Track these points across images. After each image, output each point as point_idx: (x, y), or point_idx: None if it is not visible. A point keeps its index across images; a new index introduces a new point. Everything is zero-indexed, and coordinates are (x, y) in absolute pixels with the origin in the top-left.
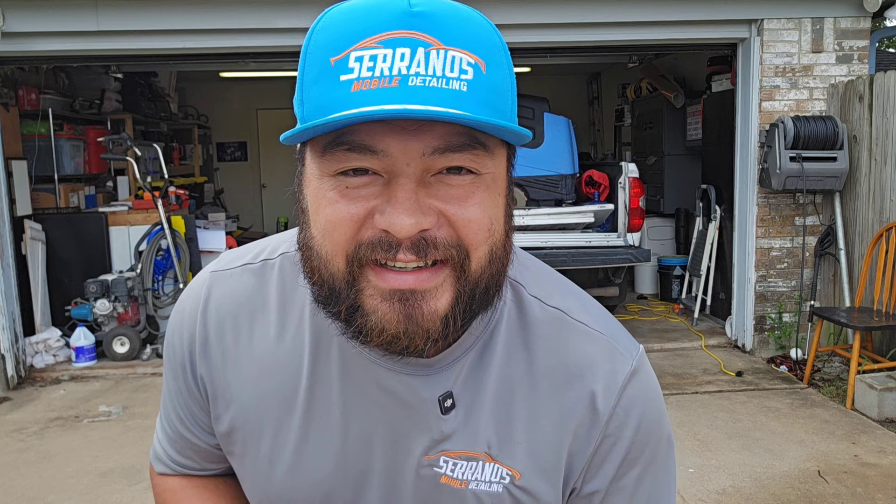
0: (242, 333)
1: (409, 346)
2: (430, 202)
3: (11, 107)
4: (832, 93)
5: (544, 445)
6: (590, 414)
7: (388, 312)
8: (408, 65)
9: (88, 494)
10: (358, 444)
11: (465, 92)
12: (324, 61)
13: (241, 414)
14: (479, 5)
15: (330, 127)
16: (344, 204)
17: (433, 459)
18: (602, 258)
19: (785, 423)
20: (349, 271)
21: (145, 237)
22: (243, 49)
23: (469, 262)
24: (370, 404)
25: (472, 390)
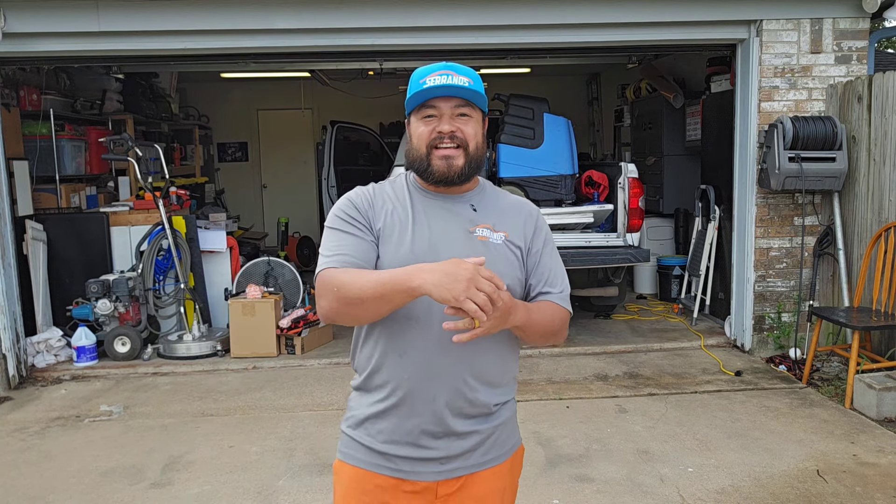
0: (381, 197)
1: (449, 177)
2: (454, 123)
3: (13, 107)
4: (831, 93)
5: (516, 227)
6: (530, 215)
7: (440, 165)
8: (445, 81)
9: (89, 494)
10: (438, 231)
11: (466, 87)
12: (417, 83)
13: (387, 221)
14: (482, 7)
15: (420, 98)
16: (425, 126)
17: (472, 231)
18: (601, 258)
19: (784, 423)
20: (427, 152)
21: (146, 237)
22: (244, 50)
23: (468, 147)
24: (440, 213)
25: (481, 204)
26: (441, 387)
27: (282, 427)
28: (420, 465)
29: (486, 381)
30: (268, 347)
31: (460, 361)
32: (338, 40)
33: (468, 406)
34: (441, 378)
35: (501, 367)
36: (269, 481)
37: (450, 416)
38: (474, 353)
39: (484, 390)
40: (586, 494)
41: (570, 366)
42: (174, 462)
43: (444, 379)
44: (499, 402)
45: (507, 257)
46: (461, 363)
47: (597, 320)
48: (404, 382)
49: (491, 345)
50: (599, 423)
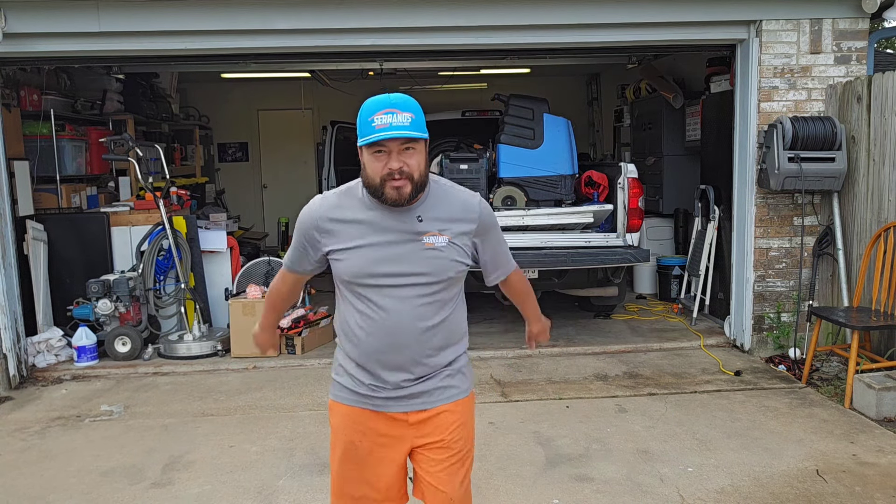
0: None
1: (399, 202)
2: (401, 158)
3: (13, 107)
4: (830, 93)
5: (459, 226)
6: (471, 211)
7: (392, 193)
8: (391, 121)
9: (90, 494)
10: (388, 242)
11: (408, 125)
12: (365, 119)
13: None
14: (482, 8)
15: (370, 140)
16: (377, 161)
17: (420, 239)
18: (601, 258)
19: (783, 423)
20: (381, 183)
21: (147, 237)
22: (244, 50)
23: (414, 178)
24: (392, 225)
25: (427, 213)
26: (406, 357)
27: (282, 427)
28: (393, 402)
29: (442, 346)
30: None
31: (420, 337)
32: (338, 41)
33: (428, 367)
34: (405, 350)
35: (452, 333)
36: (269, 481)
37: (414, 373)
38: (426, 339)
39: (440, 354)
40: (586, 494)
41: (569, 366)
42: (174, 462)
43: (408, 351)
44: (453, 357)
45: (451, 256)
46: (421, 339)
47: (597, 320)
48: (373, 353)
49: (438, 327)
50: (599, 422)
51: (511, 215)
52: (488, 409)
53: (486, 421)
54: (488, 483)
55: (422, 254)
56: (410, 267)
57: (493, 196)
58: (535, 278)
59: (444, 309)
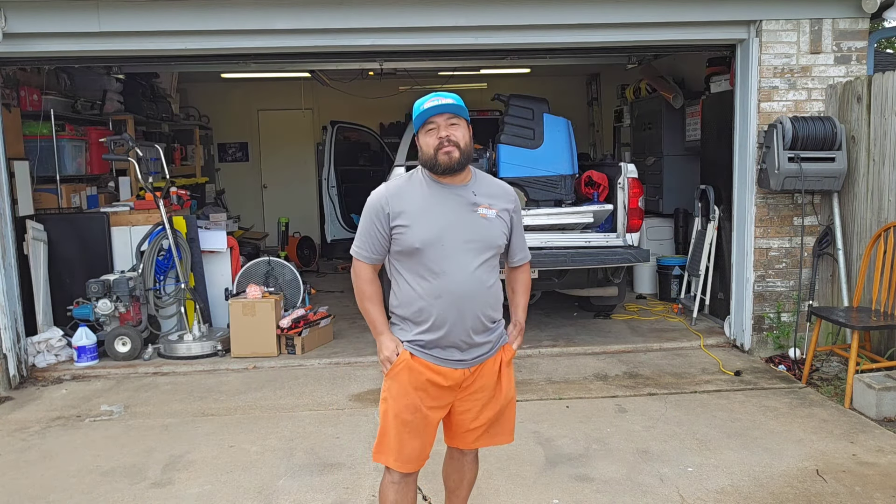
0: (402, 192)
1: (451, 166)
2: (448, 130)
3: (13, 107)
4: (830, 93)
5: (503, 204)
6: (510, 196)
7: (444, 159)
8: (438, 102)
9: (90, 493)
10: (450, 212)
11: (452, 104)
12: (418, 108)
13: (408, 212)
14: (482, 8)
15: (423, 117)
16: (430, 137)
17: (476, 210)
18: (601, 258)
19: (783, 423)
20: (434, 153)
21: (147, 237)
22: (244, 50)
23: (461, 145)
24: (451, 198)
25: (479, 190)
26: (472, 315)
27: (282, 427)
28: (452, 363)
29: (495, 306)
30: (268, 347)
31: (476, 303)
32: (338, 41)
33: (483, 328)
34: (472, 308)
35: (497, 299)
36: (269, 481)
37: (473, 335)
38: (485, 297)
39: (490, 316)
40: (586, 494)
41: (569, 366)
42: (175, 462)
43: (473, 309)
44: (497, 318)
45: (500, 225)
46: (477, 304)
47: (596, 320)
48: (442, 316)
49: (492, 288)
50: (599, 422)
51: None
52: None
53: None
54: (488, 483)
55: (478, 222)
56: (471, 233)
57: None
58: (536, 278)
59: (494, 273)
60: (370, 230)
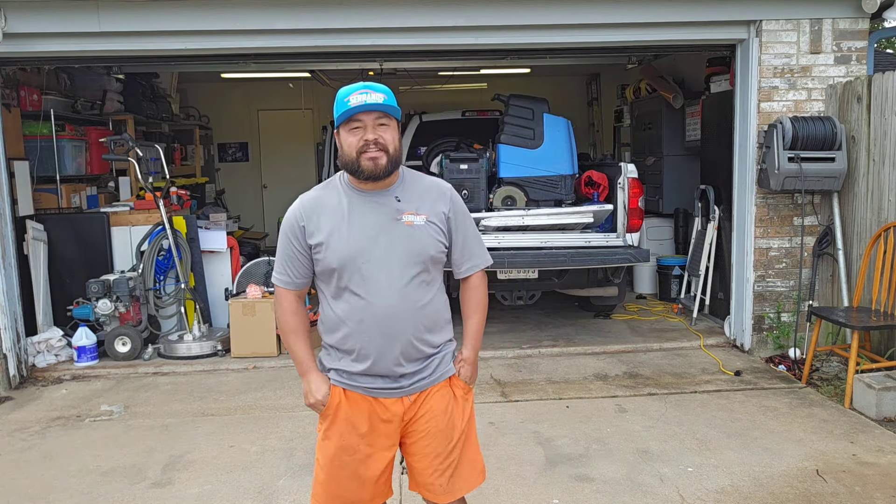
0: (318, 205)
1: (376, 174)
2: (376, 132)
3: (13, 107)
4: (830, 93)
5: (434, 207)
6: (443, 194)
7: (369, 165)
8: (366, 99)
9: (90, 494)
10: (369, 224)
11: (383, 103)
12: (341, 101)
13: (324, 229)
14: (482, 8)
15: (347, 114)
16: (353, 136)
17: (400, 218)
18: (601, 258)
19: (783, 423)
20: (357, 156)
21: (147, 237)
22: (244, 50)
23: (389, 150)
24: (371, 207)
25: (403, 194)
26: (402, 340)
27: (282, 427)
28: (386, 391)
29: (430, 328)
30: (268, 347)
31: (406, 325)
32: (338, 41)
33: (419, 351)
34: (400, 332)
35: (435, 320)
36: (269, 481)
37: (404, 362)
38: (417, 318)
39: (431, 336)
40: (586, 494)
41: (569, 366)
42: (175, 462)
43: (402, 333)
44: (441, 342)
45: (430, 234)
46: (407, 326)
47: (596, 320)
48: (366, 342)
49: (427, 307)
50: (599, 422)
51: (511, 215)
52: (488, 409)
53: (486, 421)
54: (488, 483)
55: (403, 232)
56: (395, 246)
57: (493, 196)
58: (535, 278)
59: (431, 289)
60: (288, 251)
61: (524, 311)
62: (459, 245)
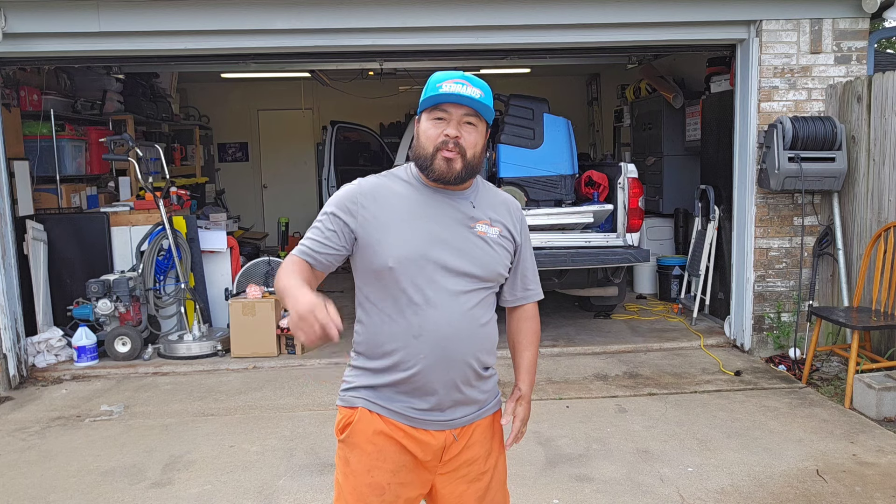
0: (381, 192)
1: (447, 178)
2: (460, 130)
3: (13, 107)
4: (831, 93)
5: (507, 222)
6: (516, 211)
7: (441, 165)
8: (460, 89)
9: (90, 494)
10: (441, 223)
11: (477, 98)
12: (433, 86)
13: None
14: (482, 8)
15: (434, 101)
16: (434, 128)
17: (473, 226)
18: (601, 258)
19: (783, 423)
20: (433, 152)
21: (147, 237)
22: (244, 50)
23: (467, 155)
24: (443, 207)
25: (479, 201)
26: (460, 361)
27: (282, 427)
28: (431, 423)
29: (490, 351)
30: (268, 347)
31: (469, 346)
32: (338, 41)
33: (476, 377)
34: (455, 358)
35: (493, 341)
36: (269, 481)
37: (463, 387)
38: (479, 339)
39: (484, 361)
40: (586, 494)
41: (569, 366)
42: (175, 462)
43: (458, 360)
44: (490, 364)
45: (501, 250)
46: (470, 347)
47: (597, 320)
48: (421, 361)
49: (487, 327)
50: (599, 422)
51: None
52: None
53: None
54: None
55: (474, 242)
56: (464, 256)
57: None
58: None
59: (491, 309)
60: (328, 227)
61: None
62: (520, 269)
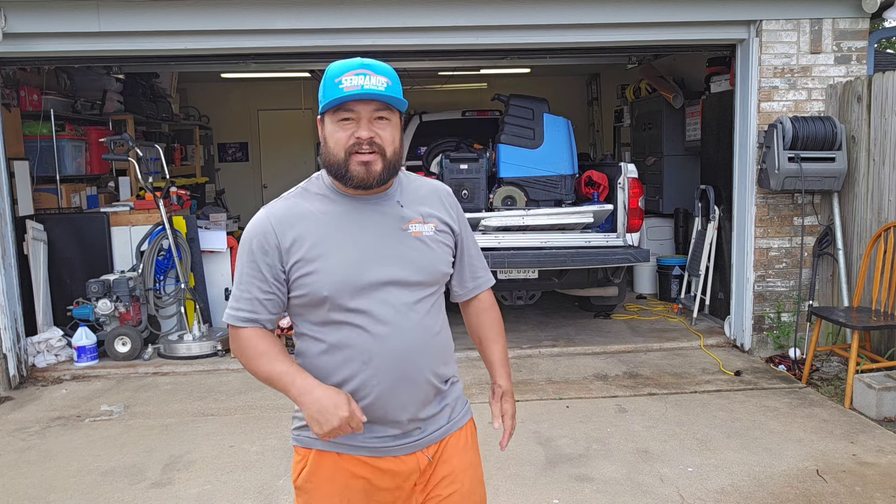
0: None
1: (367, 183)
2: (372, 128)
3: (13, 107)
4: (831, 93)
5: (440, 213)
6: (446, 197)
7: (359, 170)
8: (362, 83)
9: (90, 494)
10: (369, 237)
11: (383, 90)
12: (331, 82)
13: (306, 246)
14: (482, 8)
15: (336, 102)
16: (343, 131)
17: (406, 228)
18: (601, 258)
19: (783, 423)
20: (345, 157)
21: (147, 237)
22: (244, 50)
23: (386, 153)
24: (369, 216)
25: (405, 198)
26: (420, 379)
27: (282, 427)
28: (397, 448)
29: (447, 361)
30: None
31: (425, 360)
32: (338, 40)
33: (436, 392)
34: (419, 370)
35: (449, 349)
36: (269, 481)
37: (423, 407)
38: (434, 351)
39: (442, 374)
40: (586, 494)
41: (569, 365)
42: (175, 462)
43: (422, 371)
44: (450, 375)
45: (441, 247)
46: (426, 361)
47: (596, 320)
48: (375, 389)
49: (441, 335)
50: (599, 422)
51: (511, 215)
52: (488, 408)
53: (486, 420)
54: (488, 483)
55: (410, 245)
56: (401, 264)
57: (493, 196)
58: (536, 278)
59: (441, 313)
60: (252, 277)
61: (524, 310)
62: (465, 259)
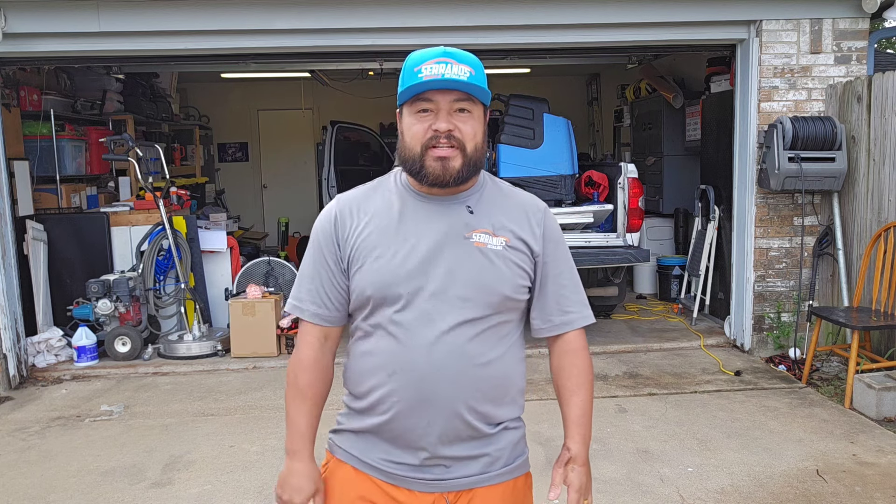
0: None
1: (444, 180)
2: (452, 121)
3: (13, 107)
4: (831, 93)
5: (521, 230)
6: (536, 214)
7: (435, 166)
8: (443, 71)
9: (90, 494)
10: (424, 239)
11: (466, 80)
12: (410, 70)
13: (360, 239)
14: (482, 8)
15: (414, 91)
16: (420, 123)
17: (468, 236)
18: (601, 258)
19: (783, 423)
20: (421, 152)
21: (147, 237)
22: (244, 50)
23: (466, 149)
24: (431, 217)
25: (479, 205)
26: (440, 414)
27: (282, 427)
28: (413, 481)
29: (490, 399)
30: (268, 347)
31: (456, 389)
32: (338, 41)
33: (472, 431)
34: (437, 404)
35: (501, 387)
36: (269, 481)
37: (442, 444)
38: (474, 381)
39: (485, 414)
40: None
41: None
42: (175, 462)
43: (440, 407)
44: (505, 419)
45: (509, 265)
46: (458, 390)
47: (597, 320)
48: (396, 405)
49: (490, 367)
50: (599, 422)
51: None
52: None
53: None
54: None
55: (469, 256)
56: (455, 274)
57: None
58: None
59: (499, 344)
60: (318, 267)
61: None
62: (549, 287)
